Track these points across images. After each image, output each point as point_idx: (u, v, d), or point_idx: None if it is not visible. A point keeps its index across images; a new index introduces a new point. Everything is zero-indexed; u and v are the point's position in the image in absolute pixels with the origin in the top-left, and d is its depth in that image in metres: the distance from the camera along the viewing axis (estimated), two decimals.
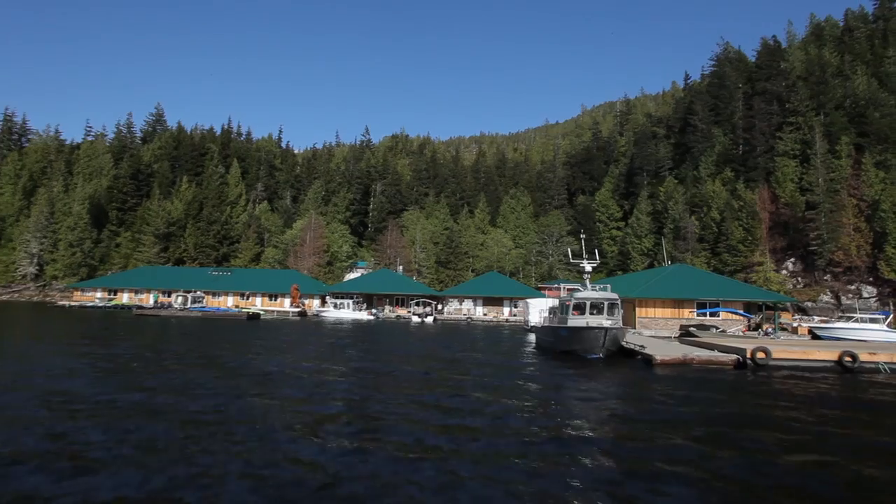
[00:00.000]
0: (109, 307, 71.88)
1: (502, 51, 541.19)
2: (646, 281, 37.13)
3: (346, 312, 60.11)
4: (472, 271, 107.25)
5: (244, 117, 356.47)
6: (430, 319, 55.23)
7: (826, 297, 72.25)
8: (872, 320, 34.34)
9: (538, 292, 73.33)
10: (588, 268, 24.47)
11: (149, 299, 73.67)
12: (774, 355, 16.38)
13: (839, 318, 38.30)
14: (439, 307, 65.03)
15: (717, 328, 34.19)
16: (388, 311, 66.63)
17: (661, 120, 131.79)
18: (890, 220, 70.77)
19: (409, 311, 65.71)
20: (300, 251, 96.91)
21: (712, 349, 18.76)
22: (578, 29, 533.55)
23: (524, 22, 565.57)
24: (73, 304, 74.95)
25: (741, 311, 38.30)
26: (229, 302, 73.76)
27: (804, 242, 77.60)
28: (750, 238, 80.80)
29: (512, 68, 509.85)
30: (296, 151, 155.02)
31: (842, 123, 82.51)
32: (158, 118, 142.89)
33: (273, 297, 73.41)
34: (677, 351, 18.07)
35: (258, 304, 72.22)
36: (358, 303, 64.84)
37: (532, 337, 34.80)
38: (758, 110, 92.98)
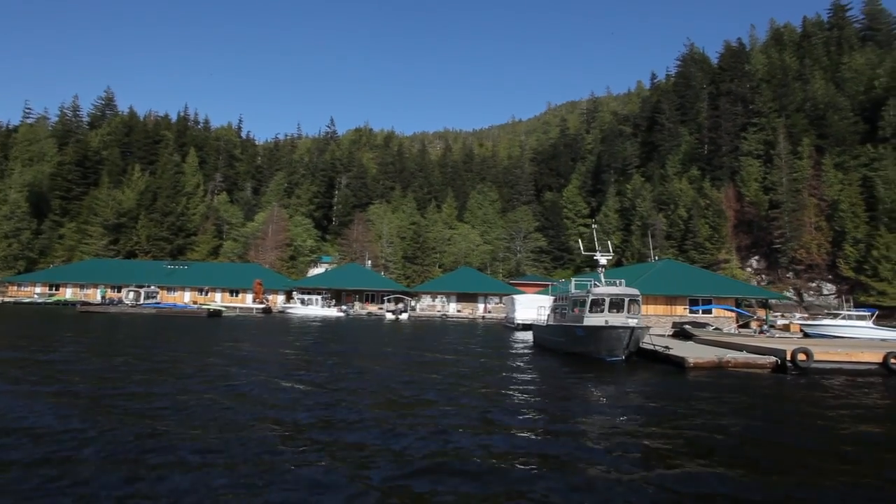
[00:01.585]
0: (50, 303, 66.38)
1: (467, 47, 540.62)
2: (635, 277, 36.01)
3: (315, 309, 57.08)
4: (440, 267, 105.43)
5: (202, 105, 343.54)
6: (404, 316, 52.96)
7: (788, 294, 73.84)
8: (859, 317, 34.49)
9: (513, 288, 72.08)
10: (603, 261, 22.73)
11: (95, 295, 68.45)
12: (816, 357, 15.06)
13: (826, 316, 38.54)
14: (413, 304, 62.82)
15: (710, 325, 33.50)
16: (359, 308, 63.93)
17: (627, 118, 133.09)
18: (848, 219, 72.88)
19: (381, 308, 63.22)
20: (262, 244, 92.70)
21: (740, 349, 17.41)
22: (544, 27, 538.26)
23: (488, 18, 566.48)
24: (7, 299, 68.97)
25: (735, 308, 37.94)
26: (186, 297, 69.40)
27: (768, 240, 79.25)
28: (716, 236, 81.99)
29: (477, 65, 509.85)
30: (257, 142, 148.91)
31: (803, 125, 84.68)
32: (108, 102, 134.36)
33: (234, 292, 69.48)
34: (710, 353, 16.59)
35: (218, 300, 68.13)
36: (326, 299, 61.87)
37: (520, 336, 33.16)
38: (723, 111, 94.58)
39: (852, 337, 31.59)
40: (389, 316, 53.11)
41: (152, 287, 63.42)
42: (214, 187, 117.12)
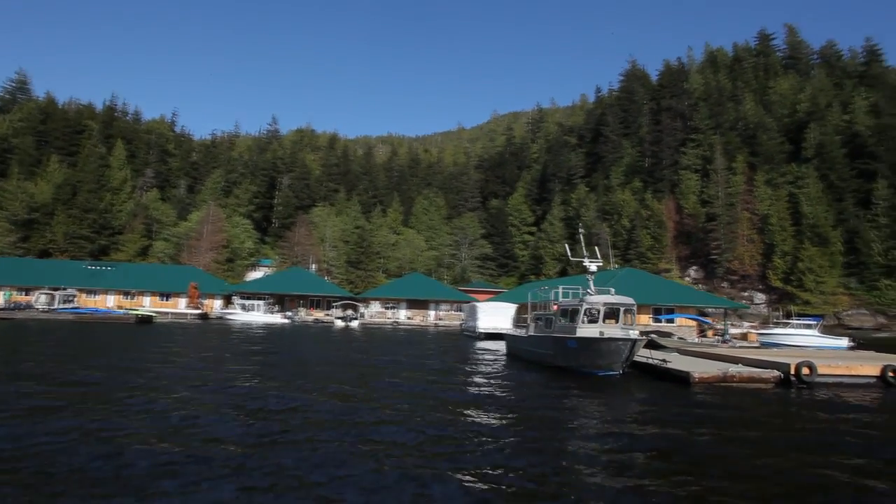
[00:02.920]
0: None
1: (413, 53, 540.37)
2: (598, 286, 35.64)
3: (257, 315, 53.44)
4: (384, 272, 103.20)
5: (132, 96, 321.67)
6: (355, 324, 50.51)
7: (745, 303, 77.05)
8: (806, 326, 35.99)
9: (464, 295, 71.05)
10: (593, 267, 21.64)
11: None
12: (820, 371, 14.68)
13: (776, 325, 40.05)
14: (366, 310, 60.30)
15: (674, 335, 33.67)
16: (304, 314, 60.67)
17: (572, 129, 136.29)
18: (777, 232, 77.34)
19: (328, 314, 60.28)
20: (196, 246, 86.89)
21: (736, 363, 16.90)
22: (491, 37, 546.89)
23: (434, 27, 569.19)
24: None
25: (699, 317, 38.65)
26: (110, 301, 63.43)
27: (705, 251, 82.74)
28: (657, 246, 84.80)
29: (422, 72, 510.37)
30: (193, 138, 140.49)
31: (736, 143, 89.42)
32: (21, 86, 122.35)
33: (166, 296, 64.20)
34: (712, 367, 15.90)
35: (147, 305, 62.65)
36: (270, 304, 58.25)
37: (485, 345, 31.85)
38: (664, 126, 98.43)
39: (801, 345, 32.75)
40: (339, 323, 50.53)
41: (70, 290, 57.31)
42: (144, 183, 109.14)
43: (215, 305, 65.24)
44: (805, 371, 14.69)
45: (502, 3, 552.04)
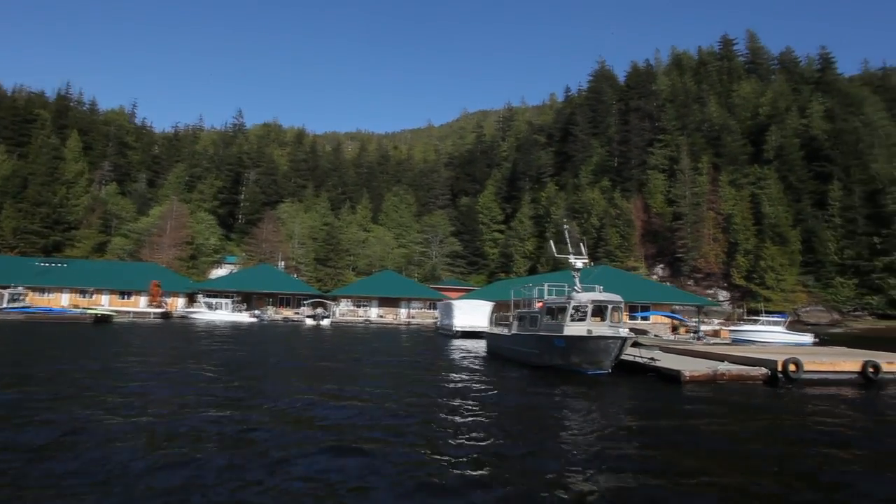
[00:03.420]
0: None
1: (382, 49, 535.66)
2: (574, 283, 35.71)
3: (223, 314, 51.62)
4: (353, 270, 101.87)
5: (88, 85, 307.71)
6: (326, 322, 49.36)
7: (720, 301, 78.79)
8: (774, 323, 37.00)
9: (436, 293, 70.53)
10: (579, 264, 21.43)
11: None
12: (805, 367, 14.82)
13: (744, 321, 41.04)
14: (336, 309, 59.02)
15: (650, 332, 34.02)
16: (273, 313, 59.04)
17: (542, 128, 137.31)
18: (740, 232, 79.63)
19: (298, 313, 58.85)
20: (158, 242, 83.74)
21: (722, 360, 16.95)
22: (461, 36, 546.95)
23: (402, 24, 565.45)
24: None
25: (674, 315, 39.19)
26: (64, 300, 60.36)
27: (671, 250, 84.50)
28: (625, 244, 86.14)
29: (391, 68, 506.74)
30: (154, 131, 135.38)
31: (701, 144, 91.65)
32: None
33: (125, 294, 61.45)
34: (701, 365, 15.89)
35: (104, 304, 59.86)
36: (237, 302, 56.40)
37: (462, 344, 31.40)
38: (632, 126, 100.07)
39: (769, 341, 33.60)
40: (309, 322, 49.27)
41: (19, 288, 54.20)
42: (102, 177, 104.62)
43: (178, 304, 62.91)
44: (792, 368, 14.85)
45: (471, 3, 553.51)
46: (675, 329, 37.37)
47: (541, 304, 22.44)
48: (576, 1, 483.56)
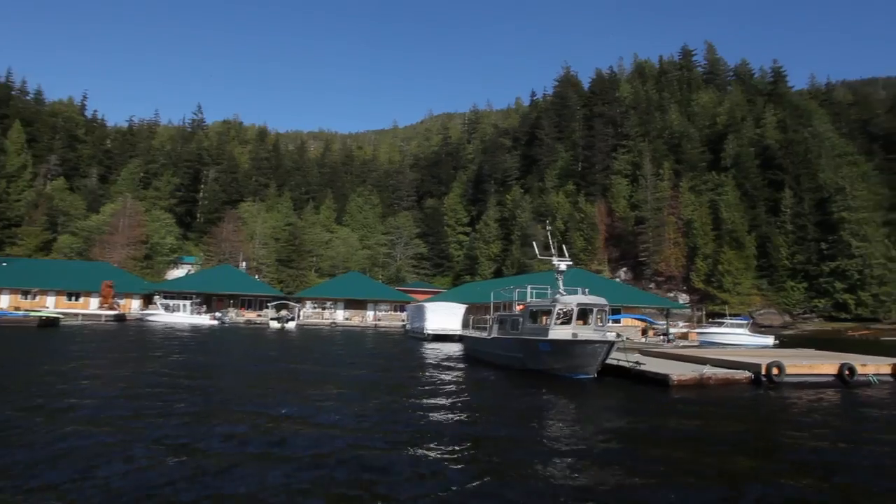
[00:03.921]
0: None
1: (346, 49, 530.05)
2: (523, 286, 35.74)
3: (183, 316, 49.33)
4: (317, 271, 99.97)
5: (33, 74, 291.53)
6: (291, 325, 47.84)
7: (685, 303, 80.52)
8: (738, 325, 38.12)
9: (404, 294, 69.71)
10: (563, 266, 21.19)
11: None
12: (787, 371, 15.05)
13: (710, 324, 42.14)
14: (301, 311, 57.35)
15: (622, 335, 34.11)
16: (235, 315, 56.94)
17: (508, 131, 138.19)
18: (700, 237, 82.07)
19: (261, 315, 56.96)
20: (110, 241, 79.81)
21: (703, 363, 17.08)
22: (428, 38, 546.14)
23: (365, 23, 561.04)
24: None
25: (646, 317, 39.77)
26: (3, 302, 56.65)
27: (634, 253, 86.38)
28: (590, 248, 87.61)
29: (356, 69, 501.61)
30: (107, 124, 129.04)
31: (663, 151, 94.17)
32: None
33: (74, 296, 58.12)
34: (687, 368, 15.93)
35: (50, 305, 56.45)
36: (197, 304, 54.07)
37: (435, 347, 30.82)
38: (597, 131, 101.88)
39: (734, 343, 34.53)
40: (274, 324, 47.69)
41: None
42: (48, 171, 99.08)
43: (133, 306, 60.01)
44: (775, 371, 15.11)
45: (435, 5, 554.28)
46: (644, 332, 38.01)
47: (521, 306, 22.14)
48: (541, 7, 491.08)
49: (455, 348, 31.22)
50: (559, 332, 17.25)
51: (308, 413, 11.08)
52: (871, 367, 16.50)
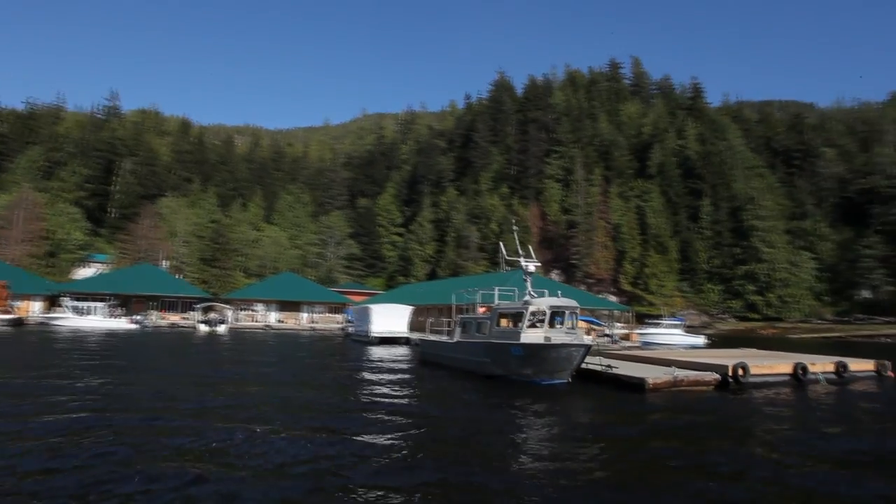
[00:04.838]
0: None
1: (279, 44, 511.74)
2: (491, 287, 35.52)
3: (96, 320, 44.60)
4: (243, 271, 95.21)
5: None
6: (222, 328, 44.58)
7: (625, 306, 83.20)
8: (674, 326, 39.85)
9: (341, 296, 67.42)
10: (531, 268, 20.64)
11: None
12: (752, 371, 15.49)
13: (648, 325, 43.72)
14: (231, 314, 53.67)
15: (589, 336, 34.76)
16: (157, 318, 52.48)
17: (443, 133, 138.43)
18: (628, 241, 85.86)
19: (186, 318, 52.90)
20: (4, 236, 71.79)
21: (669, 365, 17.26)
22: (364, 38, 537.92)
23: (296, 20, 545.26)
24: None
25: (592, 319, 40.48)
26: None
27: (566, 256, 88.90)
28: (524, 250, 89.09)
29: (286, 65, 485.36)
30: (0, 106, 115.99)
31: (594, 157, 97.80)
32: None
33: None
34: (659, 372, 15.97)
35: None
36: (113, 307, 49.24)
37: (383, 351, 29.59)
38: (530, 136, 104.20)
39: (671, 343, 35.96)
40: (203, 328, 44.24)
41: None
42: None
43: (34, 308, 53.94)
44: (740, 372, 15.55)
45: (368, 5, 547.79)
46: (588, 333, 38.85)
47: (483, 309, 21.50)
48: (476, 12, 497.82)
49: (402, 351, 30.21)
50: (531, 336, 16.69)
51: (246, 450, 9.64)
52: (818, 366, 17.47)
